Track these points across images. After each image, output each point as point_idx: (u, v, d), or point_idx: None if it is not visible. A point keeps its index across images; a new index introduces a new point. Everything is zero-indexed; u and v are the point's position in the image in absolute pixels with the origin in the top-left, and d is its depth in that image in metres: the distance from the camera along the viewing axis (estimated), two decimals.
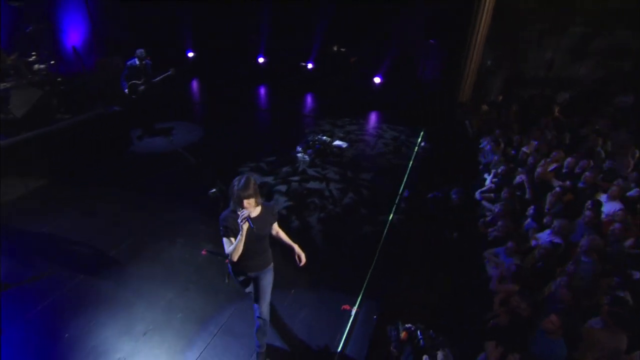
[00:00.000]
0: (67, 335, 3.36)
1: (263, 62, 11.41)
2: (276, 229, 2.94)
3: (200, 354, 3.19)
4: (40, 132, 6.02)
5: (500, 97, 9.46)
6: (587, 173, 5.50)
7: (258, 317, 2.91)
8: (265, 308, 2.90)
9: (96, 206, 5.18)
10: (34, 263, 4.17)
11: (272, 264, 2.94)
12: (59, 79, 7.03)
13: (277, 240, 2.94)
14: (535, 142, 6.86)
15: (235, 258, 2.57)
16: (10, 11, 7.08)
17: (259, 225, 2.59)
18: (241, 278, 2.92)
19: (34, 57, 6.60)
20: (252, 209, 2.52)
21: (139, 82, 6.90)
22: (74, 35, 8.59)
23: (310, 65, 10.81)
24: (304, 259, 2.88)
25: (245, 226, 2.44)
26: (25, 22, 6.96)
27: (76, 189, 5.58)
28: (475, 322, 3.90)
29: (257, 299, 2.90)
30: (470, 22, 8.21)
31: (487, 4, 8.14)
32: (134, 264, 4.16)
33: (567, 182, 5.62)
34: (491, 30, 8.77)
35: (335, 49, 10.92)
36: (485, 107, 8.70)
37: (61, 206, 5.16)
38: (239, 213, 2.44)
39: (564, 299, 3.69)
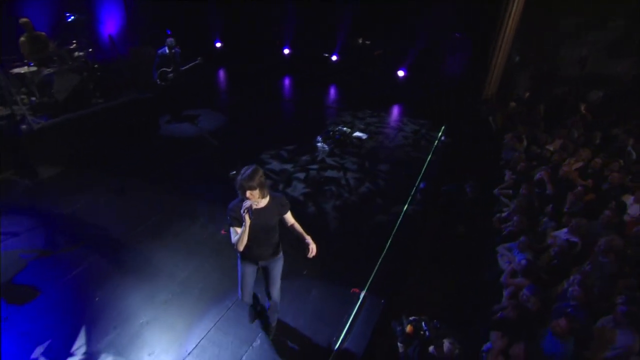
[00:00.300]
0: (97, 298, 3.68)
1: (288, 54, 11.57)
2: (290, 220, 2.84)
3: (215, 324, 3.41)
4: (77, 115, 6.45)
5: (527, 94, 9.21)
6: (614, 173, 5.36)
7: (269, 299, 3.08)
8: (276, 292, 3.02)
9: (126, 185, 5.53)
10: (70, 234, 4.54)
11: (281, 253, 2.94)
12: (96, 66, 7.45)
13: (291, 232, 2.90)
14: (561, 141, 6.72)
15: (240, 248, 2.60)
16: (55, 2, 7.55)
17: (263, 217, 2.60)
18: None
19: (74, 45, 7.02)
20: (256, 200, 2.50)
21: (169, 69, 7.22)
22: (110, 24, 9.04)
23: (334, 58, 10.87)
24: (314, 252, 2.74)
25: (247, 219, 2.44)
26: (68, 13, 7.42)
27: (108, 169, 5.96)
28: (484, 314, 3.93)
29: (267, 286, 3.00)
30: (499, 16, 8.01)
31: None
32: (158, 240, 4.45)
33: (590, 181, 5.50)
34: (521, 24, 8.53)
35: (360, 41, 10.92)
36: (513, 104, 8.52)
37: (94, 184, 5.55)
38: (243, 203, 2.45)
39: (576, 297, 3.67)
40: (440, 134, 7.44)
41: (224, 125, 7.69)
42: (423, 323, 3.42)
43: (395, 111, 8.71)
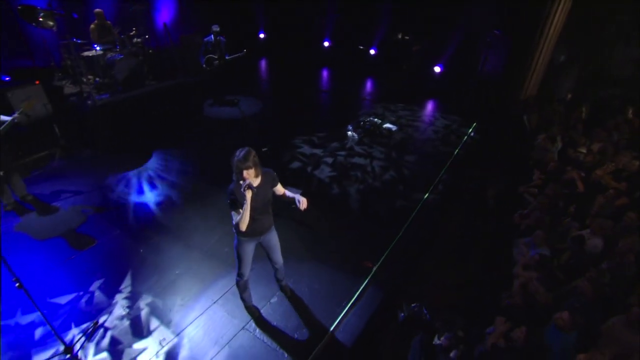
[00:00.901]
0: (141, 250, 4.25)
1: (328, 46, 11.87)
2: (281, 190, 3.04)
3: (228, 293, 3.81)
4: (133, 94, 7.19)
5: (570, 95, 8.89)
6: None
7: (274, 266, 3.42)
8: (279, 258, 3.33)
9: (170, 159, 6.15)
10: (118, 196, 5.20)
11: (273, 225, 3.14)
12: (150, 51, 8.20)
13: (284, 200, 3.13)
14: (600, 144, 6.51)
15: (243, 228, 2.73)
16: None
17: (261, 193, 2.79)
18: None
19: (134, 32, 7.77)
20: (252, 179, 2.66)
21: (215, 56, 7.79)
22: (165, 14, 9.81)
23: (373, 52, 11.03)
24: (305, 204, 2.90)
25: (249, 194, 2.60)
26: (129, 3, 8.21)
27: (157, 141, 6.63)
28: (493, 302, 4.07)
29: (271, 256, 3.29)
30: (543, 14, 7.80)
31: None
32: (194, 207, 4.99)
33: (624, 184, 5.35)
34: (568, 22, 8.23)
35: (399, 36, 10.98)
36: (551, 105, 8.29)
37: (139, 156, 6.23)
38: (240, 183, 2.62)
39: (584, 292, 3.73)
40: (470, 130, 7.46)
41: (262, 111, 8.17)
42: (424, 309, 3.64)
43: (428, 106, 8.77)
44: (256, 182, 2.78)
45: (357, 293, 3.78)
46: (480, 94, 8.55)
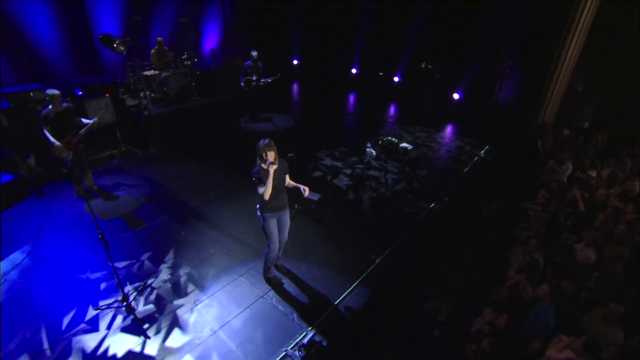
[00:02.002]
0: (182, 233, 5.09)
1: (355, 74, 12.83)
2: (289, 182, 3.81)
3: (250, 269, 4.53)
4: (181, 107, 8.33)
5: (587, 124, 9.18)
6: None
7: (280, 243, 4.12)
8: (285, 235, 4.09)
9: (209, 162, 7.11)
10: (167, 189, 6.14)
11: (287, 206, 3.91)
12: (198, 72, 9.42)
13: (292, 189, 3.89)
14: (610, 169, 6.80)
15: (267, 197, 3.51)
16: (176, 24, 9.78)
17: (279, 174, 3.57)
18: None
19: (185, 55, 9.03)
20: (273, 159, 3.45)
21: (253, 78, 8.85)
22: (212, 40, 11.17)
23: (396, 79, 11.84)
24: (307, 191, 3.72)
25: (272, 169, 3.41)
26: (184, 31, 9.56)
27: (198, 149, 7.63)
28: (484, 298, 4.53)
29: (280, 232, 4.01)
30: (558, 45, 8.30)
31: (580, 25, 8.10)
32: (228, 202, 5.82)
33: (630, 206, 5.58)
34: (584, 53, 8.64)
35: (423, 65, 11.76)
36: (566, 132, 8.62)
37: (187, 159, 7.23)
38: (263, 166, 3.49)
39: (565, 290, 4.17)
40: (482, 151, 7.96)
41: (292, 127, 9.08)
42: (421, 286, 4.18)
43: (444, 129, 9.35)
44: (275, 165, 3.51)
45: (361, 277, 4.38)
46: (495, 119, 9.06)
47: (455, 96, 10.22)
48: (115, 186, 6.15)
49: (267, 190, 3.53)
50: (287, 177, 3.83)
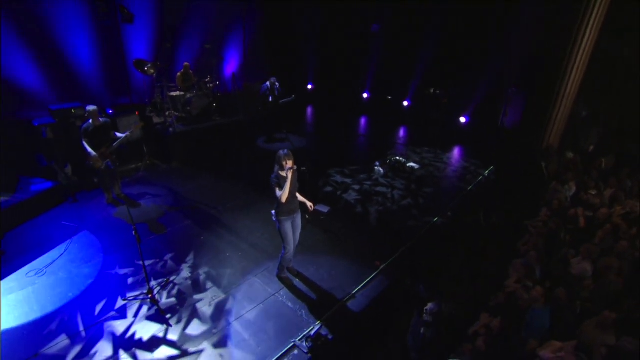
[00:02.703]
0: (202, 237, 5.52)
1: (367, 98, 13.46)
2: (298, 195, 4.31)
3: (264, 271, 4.90)
4: (203, 126, 8.97)
5: (592, 147, 9.43)
6: None
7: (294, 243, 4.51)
8: (297, 236, 4.49)
9: (227, 177, 7.62)
10: (188, 200, 6.63)
11: (299, 210, 4.36)
12: (219, 94, 10.13)
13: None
14: (612, 190, 7.01)
15: (284, 199, 3.94)
16: (201, 50, 10.63)
17: (294, 180, 4.05)
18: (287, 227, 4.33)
19: (208, 78, 9.77)
20: (292, 166, 3.92)
21: (269, 101, 9.49)
22: (233, 65, 12.00)
23: (406, 103, 12.39)
24: (312, 207, 4.34)
25: (290, 173, 3.89)
26: (208, 57, 10.38)
27: (217, 165, 8.18)
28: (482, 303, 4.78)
29: (294, 233, 4.41)
30: (560, 73, 8.71)
31: (581, 52, 8.51)
32: (244, 213, 6.26)
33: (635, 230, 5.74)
34: (587, 79, 9.00)
35: (431, 90, 12.31)
36: (570, 154, 8.88)
37: (207, 173, 7.77)
38: (281, 173, 3.99)
39: (560, 297, 4.41)
40: (486, 171, 8.28)
41: (305, 147, 9.61)
42: (421, 286, 4.47)
43: (451, 150, 9.73)
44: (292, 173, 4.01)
45: (365, 281, 4.70)
46: (500, 142, 9.41)
47: (462, 120, 10.65)
48: (140, 195, 6.68)
49: (284, 192, 3.96)
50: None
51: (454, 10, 10.11)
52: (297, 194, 4.31)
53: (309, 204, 4.36)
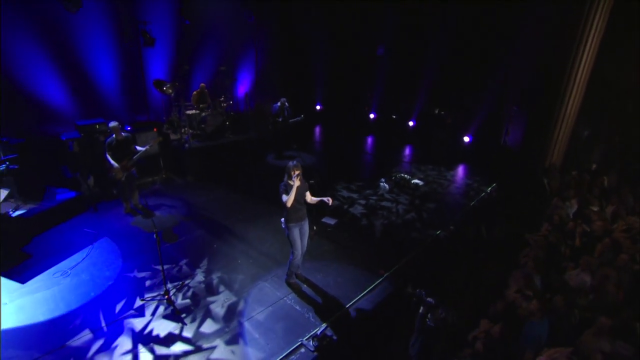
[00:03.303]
0: (215, 245, 5.82)
1: (374, 118, 13.90)
2: (313, 198, 4.64)
3: (273, 276, 5.16)
4: (217, 143, 9.43)
5: (595, 166, 9.61)
6: None
7: (302, 249, 4.79)
8: (305, 243, 4.78)
9: (239, 191, 7.98)
10: (201, 210, 6.97)
11: (307, 218, 4.67)
12: (232, 113, 10.65)
13: (318, 203, 4.72)
14: (613, 206, 7.18)
15: (289, 203, 4.27)
16: (215, 72, 11.26)
17: (301, 190, 4.38)
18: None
19: (222, 98, 10.32)
20: (299, 176, 4.28)
21: (280, 120, 9.95)
22: (245, 85, 12.61)
23: (411, 123, 12.79)
24: (330, 200, 4.62)
25: (297, 181, 4.22)
26: (222, 78, 10.98)
27: (228, 179, 8.56)
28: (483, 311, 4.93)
29: (301, 239, 4.70)
30: (559, 94, 9.02)
31: (579, 76, 8.84)
32: (253, 224, 6.56)
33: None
34: (587, 101, 9.29)
35: (436, 111, 12.71)
36: (574, 172, 9.07)
37: (220, 187, 8.14)
38: (289, 182, 4.33)
39: (558, 305, 4.58)
40: (489, 188, 8.51)
41: (313, 164, 9.97)
42: (423, 293, 4.66)
43: (454, 168, 10.00)
44: (300, 182, 4.35)
45: (370, 288, 4.92)
46: (503, 161, 9.67)
47: (466, 139, 10.97)
48: (156, 206, 7.04)
49: (290, 198, 4.28)
50: (308, 194, 4.63)
51: (457, 33, 10.61)
52: (311, 197, 4.62)
53: (326, 198, 4.63)
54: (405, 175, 8.93)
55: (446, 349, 4.32)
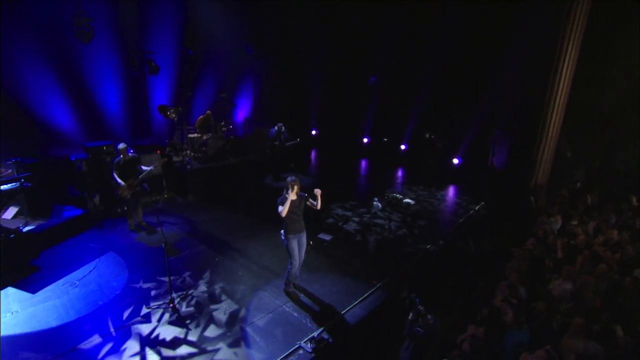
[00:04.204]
0: (217, 259, 6.10)
1: (367, 142, 14.50)
2: (310, 202, 4.97)
3: (272, 287, 5.43)
4: (217, 165, 9.85)
5: (579, 184, 10.09)
6: (628, 246, 6.24)
7: (300, 260, 5.12)
8: (303, 254, 5.10)
9: (238, 210, 8.32)
10: (203, 228, 7.27)
11: (305, 230, 5.03)
12: (232, 137, 11.15)
13: (311, 207, 5.02)
14: (595, 222, 7.58)
15: (284, 214, 4.61)
16: (216, 98, 11.86)
17: (297, 203, 4.77)
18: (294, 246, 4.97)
19: (223, 123, 10.83)
20: (297, 190, 4.70)
21: (277, 143, 10.44)
22: (244, 111, 13.21)
23: (403, 147, 13.37)
24: (319, 192, 4.92)
25: (293, 194, 4.60)
26: (223, 104, 11.57)
27: (228, 199, 8.91)
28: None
29: (299, 250, 5.03)
30: (540, 119, 9.61)
31: (557, 102, 9.47)
32: (254, 240, 6.87)
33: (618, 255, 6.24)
34: (567, 124, 9.90)
35: (427, 135, 13.33)
36: (563, 191, 9.49)
37: (220, 207, 8.48)
38: (286, 195, 4.66)
39: (540, 310, 4.89)
40: (477, 206, 8.93)
41: (309, 185, 10.36)
42: (417, 300, 4.94)
43: (444, 189, 10.44)
44: (296, 195, 4.76)
45: (363, 296, 5.20)
46: (491, 181, 10.16)
47: (455, 161, 11.50)
48: (159, 224, 7.31)
49: (285, 208, 4.64)
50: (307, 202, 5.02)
51: (445, 64, 11.36)
52: (312, 201, 4.98)
53: (315, 190, 4.96)
54: (397, 195, 9.34)
55: (436, 355, 4.57)
